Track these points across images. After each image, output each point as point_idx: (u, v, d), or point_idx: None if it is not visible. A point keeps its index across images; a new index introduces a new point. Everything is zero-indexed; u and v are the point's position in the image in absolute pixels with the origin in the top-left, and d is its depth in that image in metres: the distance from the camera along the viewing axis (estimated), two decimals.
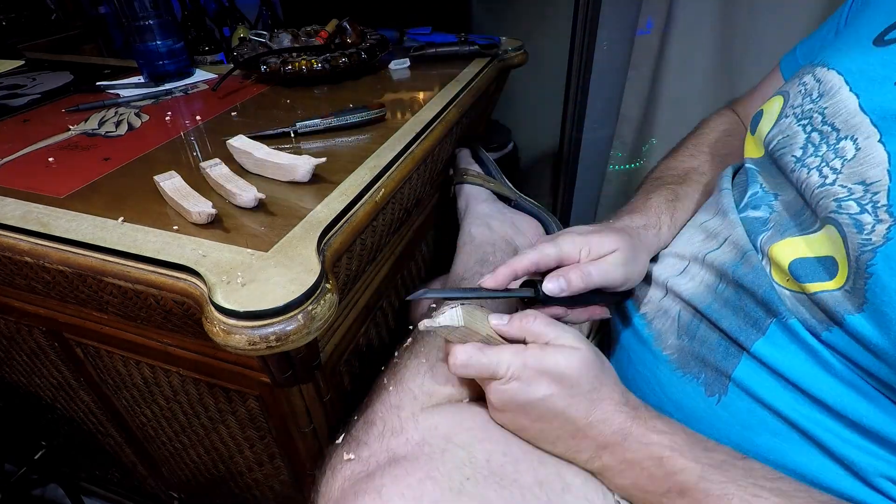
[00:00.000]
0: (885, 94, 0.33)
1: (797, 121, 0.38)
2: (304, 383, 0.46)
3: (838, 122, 0.35)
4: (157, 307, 0.41)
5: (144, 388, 0.57)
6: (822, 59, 0.39)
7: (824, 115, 0.36)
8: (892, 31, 0.35)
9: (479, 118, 0.85)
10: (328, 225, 0.41)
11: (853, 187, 0.32)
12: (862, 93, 0.34)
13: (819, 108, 0.37)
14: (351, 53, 0.71)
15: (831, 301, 0.32)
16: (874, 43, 0.35)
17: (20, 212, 0.44)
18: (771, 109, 0.42)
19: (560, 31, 1.11)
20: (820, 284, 0.33)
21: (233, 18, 0.98)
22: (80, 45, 1.04)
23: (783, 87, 0.42)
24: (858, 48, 0.36)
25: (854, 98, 0.34)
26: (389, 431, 0.38)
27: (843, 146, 0.34)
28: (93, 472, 0.88)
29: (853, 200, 0.32)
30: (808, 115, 0.37)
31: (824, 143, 0.35)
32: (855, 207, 0.31)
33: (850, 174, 0.33)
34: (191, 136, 0.58)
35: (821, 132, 0.36)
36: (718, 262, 0.40)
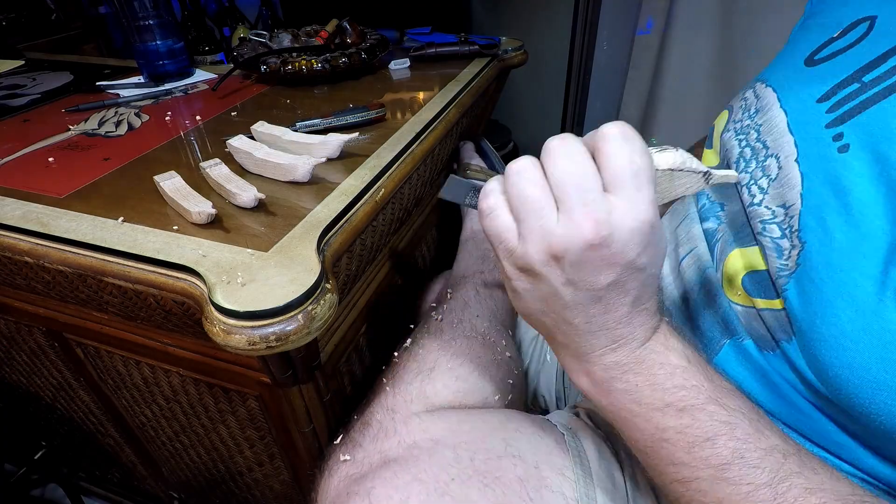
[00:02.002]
0: (806, 112, 0.33)
1: (735, 135, 0.38)
2: (304, 383, 0.46)
3: (769, 139, 0.34)
4: (157, 307, 0.41)
5: (144, 388, 0.57)
6: (762, 75, 0.40)
7: (759, 131, 0.36)
8: (821, 51, 0.35)
9: (479, 118, 0.85)
10: (328, 225, 0.41)
11: (776, 210, 0.32)
12: (790, 110, 0.34)
13: (755, 123, 0.37)
14: (351, 53, 0.71)
15: (775, 320, 0.31)
16: (805, 63, 0.36)
17: (20, 212, 0.44)
18: (719, 123, 0.42)
19: (560, 31, 1.11)
20: (767, 302, 0.32)
21: (233, 18, 0.98)
22: (80, 45, 1.03)
23: (730, 102, 0.42)
24: (792, 66, 0.37)
25: (783, 115, 0.34)
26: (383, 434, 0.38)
27: (768, 164, 0.34)
28: (93, 472, 0.88)
29: (775, 224, 0.31)
30: (746, 130, 0.37)
31: (754, 160, 0.35)
32: (777, 231, 0.31)
33: (774, 195, 0.32)
34: (191, 136, 0.58)
35: (753, 148, 0.36)
36: (686, 277, 0.40)
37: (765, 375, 0.33)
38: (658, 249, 0.28)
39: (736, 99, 0.41)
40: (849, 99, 0.30)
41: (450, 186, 0.33)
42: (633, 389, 0.29)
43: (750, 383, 0.34)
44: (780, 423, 0.33)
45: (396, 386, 0.44)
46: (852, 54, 0.32)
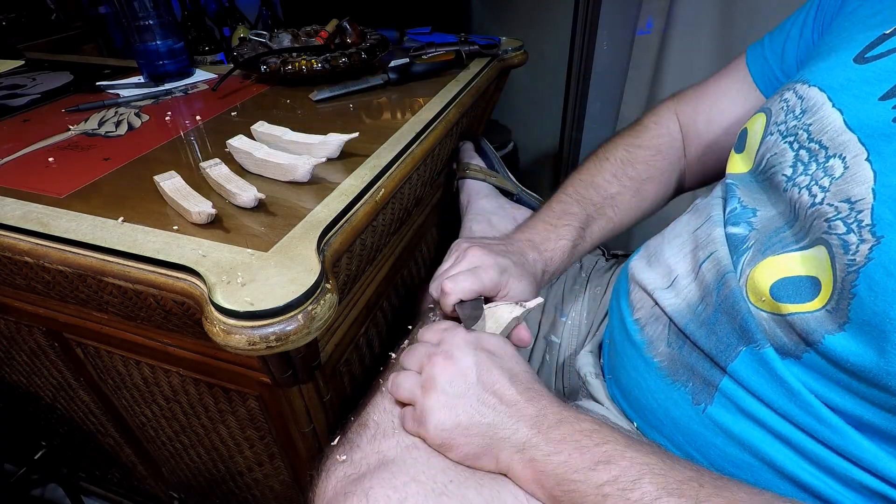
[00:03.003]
0: (869, 111, 0.32)
1: (783, 138, 0.38)
2: (304, 383, 0.46)
3: (825, 139, 0.34)
4: (157, 307, 0.41)
5: (144, 388, 0.57)
6: (800, 76, 0.39)
7: (809, 131, 0.36)
8: (872, 49, 0.35)
9: (479, 118, 0.85)
10: (328, 225, 0.41)
11: (839, 205, 0.32)
12: (846, 108, 0.34)
13: (803, 124, 0.36)
14: (351, 53, 0.71)
15: (810, 322, 0.31)
16: (855, 61, 0.35)
17: (20, 212, 0.44)
18: (754, 127, 0.41)
19: (560, 31, 1.11)
20: (799, 306, 0.32)
21: (233, 18, 0.98)
22: (80, 45, 1.03)
23: (764, 105, 0.42)
24: (839, 65, 0.36)
25: (838, 114, 0.34)
26: (381, 434, 0.39)
27: (832, 164, 0.33)
28: (93, 472, 0.88)
29: (840, 220, 0.31)
30: (794, 131, 0.37)
31: (814, 162, 0.35)
32: (842, 227, 0.31)
33: (836, 192, 0.32)
34: (191, 136, 0.58)
35: (809, 150, 0.35)
36: (705, 280, 0.40)
37: (783, 384, 0.33)
38: (491, 345, 0.38)
39: (772, 101, 0.40)
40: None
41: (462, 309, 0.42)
42: (568, 459, 0.32)
43: (766, 391, 0.34)
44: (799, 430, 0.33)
45: None
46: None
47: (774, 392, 0.34)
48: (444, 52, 0.74)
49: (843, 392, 0.31)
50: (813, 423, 0.32)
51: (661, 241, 0.47)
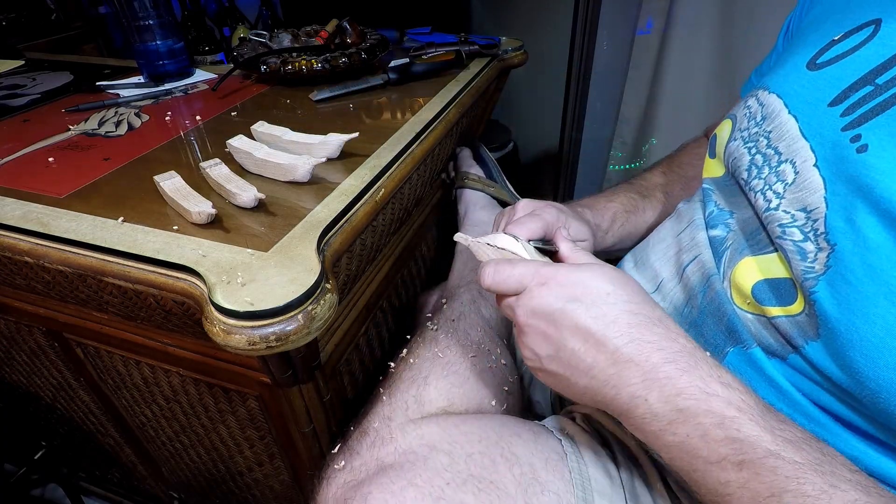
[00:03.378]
0: (820, 118, 0.33)
1: (744, 143, 0.39)
2: (304, 383, 0.46)
3: (782, 146, 0.35)
4: (157, 307, 0.41)
5: (144, 388, 0.57)
6: (763, 82, 0.40)
7: (769, 138, 0.36)
8: (823, 55, 0.35)
9: (479, 118, 0.85)
10: (328, 225, 0.41)
11: (796, 213, 0.32)
12: (800, 115, 0.34)
13: (763, 130, 0.37)
14: (351, 53, 0.71)
15: (793, 326, 0.31)
16: (807, 67, 0.36)
17: (20, 212, 0.44)
18: (722, 133, 0.42)
19: (560, 31, 1.11)
20: (782, 309, 0.32)
21: (233, 18, 0.98)
22: (80, 45, 1.03)
23: (731, 111, 0.42)
24: (795, 72, 0.37)
25: (794, 120, 0.35)
26: (380, 441, 0.39)
27: (783, 169, 0.34)
28: (93, 472, 0.88)
29: (796, 227, 0.32)
30: (755, 138, 0.38)
31: (766, 166, 0.35)
32: (798, 234, 0.31)
33: (792, 199, 0.32)
34: (191, 136, 0.58)
35: (764, 155, 0.36)
36: (690, 283, 0.40)
37: (772, 382, 0.33)
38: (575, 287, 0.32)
39: (738, 108, 0.41)
40: (864, 101, 0.30)
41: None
42: (685, 442, 0.28)
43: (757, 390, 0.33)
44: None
45: (392, 394, 0.45)
46: (860, 56, 0.32)
47: (764, 391, 0.34)
48: (444, 52, 0.74)
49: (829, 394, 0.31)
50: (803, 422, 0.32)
51: (647, 246, 0.47)
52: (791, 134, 0.34)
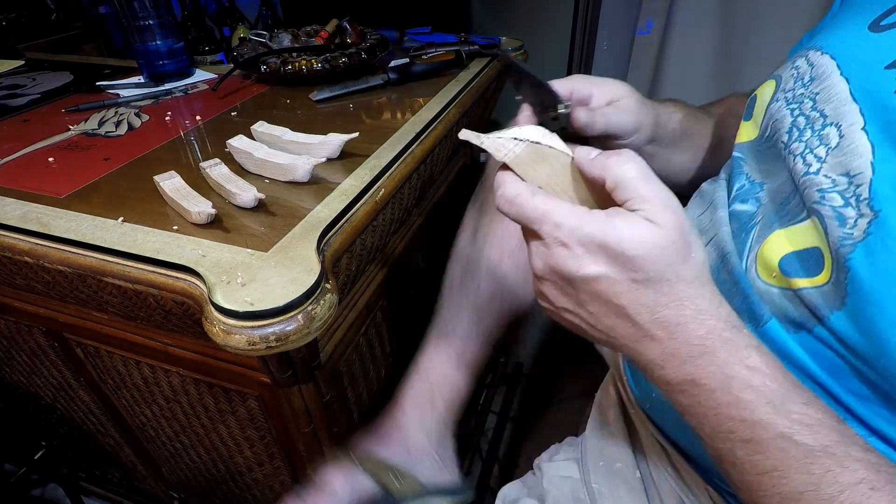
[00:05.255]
0: (873, 80, 0.31)
1: (787, 104, 0.37)
2: (304, 383, 0.46)
3: (828, 108, 0.33)
4: (157, 307, 0.41)
5: (144, 388, 0.57)
6: (816, 42, 0.38)
7: (815, 100, 0.34)
8: (888, 17, 0.33)
9: (479, 118, 0.85)
10: (328, 225, 0.41)
11: (837, 178, 0.30)
12: (852, 77, 0.33)
13: (810, 92, 0.35)
14: (351, 53, 0.71)
15: (818, 296, 0.30)
16: (869, 28, 0.34)
17: (20, 212, 0.44)
18: (763, 94, 0.40)
19: (560, 31, 1.11)
20: (809, 280, 0.31)
21: (233, 18, 0.98)
22: (80, 45, 1.03)
23: (776, 71, 0.40)
24: (853, 32, 0.35)
25: (844, 82, 0.33)
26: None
27: (827, 132, 0.32)
28: (93, 472, 0.88)
29: (837, 192, 0.30)
30: (800, 99, 0.36)
31: (809, 129, 0.34)
32: (839, 200, 0.30)
33: (834, 164, 0.31)
34: (191, 136, 0.58)
35: (808, 117, 0.34)
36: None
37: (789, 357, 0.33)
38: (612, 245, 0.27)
39: (784, 68, 0.39)
40: None
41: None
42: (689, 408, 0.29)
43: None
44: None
45: None
46: None
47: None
48: (444, 52, 0.74)
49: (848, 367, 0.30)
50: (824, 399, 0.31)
51: None
52: (840, 96, 0.32)
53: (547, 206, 0.29)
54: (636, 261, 0.27)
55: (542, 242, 0.29)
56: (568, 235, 0.28)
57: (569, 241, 0.28)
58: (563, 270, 0.29)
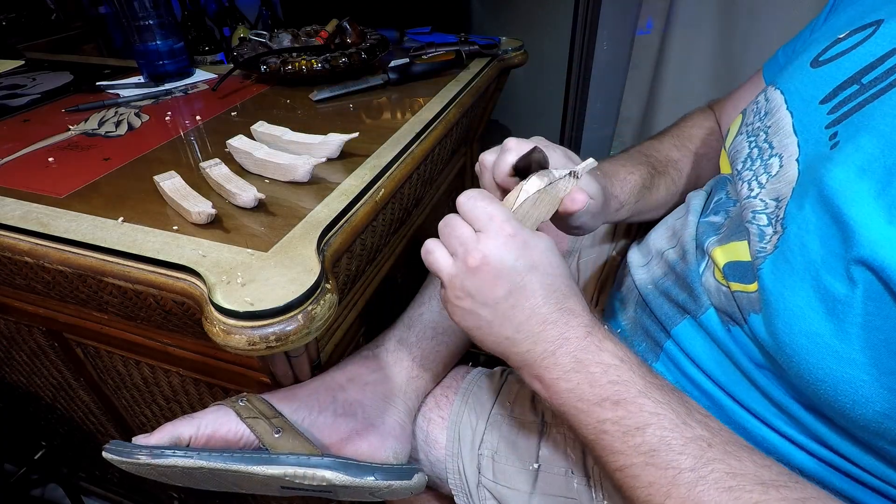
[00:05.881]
0: (810, 114, 0.34)
1: (746, 137, 0.41)
2: None
3: (776, 140, 0.37)
4: (157, 307, 0.41)
5: (144, 388, 0.57)
6: (776, 79, 0.41)
7: (767, 132, 0.38)
8: (826, 52, 0.36)
9: (479, 118, 0.85)
10: (328, 225, 0.41)
11: (769, 202, 0.35)
12: (795, 111, 0.36)
13: (764, 125, 0.39)
14: (351, 53, 0.71)
15: (745, 300, 0.35)
16: (811, 64, 0.37)
17: (20, 212, 0.44)
18: (733, 129, 0.44)
19: (560, 31, 1.11)
20: (742, 286, 0.35)
21: (233, 18, 0.97)
22: (80, 45, 1.03)
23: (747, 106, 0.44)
24: (799, 68, 0.38)
25: (789, 116, 0.36)
26: None
27: (771, 162, 0.36)
28: (93, 472, 0.88)
29: (765, 214, 0.35)
30: (756, 132, 0.40)
31: (759, 159, 0.38)
32: (765, 220, 0.34)
33: (770, 190, 0.35)
34: (191, 136, 0.58)
35: (760, 148, 0.38)
36: (668, 260, 0.44)
37: (721, 346, 0.37)
38: (536, 252, 0.33)
39: (750, 103, 0.43)
40: (848, 100, 0.32)
41: None
42: (576, 388, 0.32)
43: (706, 353, 0.38)
44: (730, 398, 0.37)
45: None
46: (855, 55, 0.33)
47: (712, 353, 0.38)
48: (444, 52, 0.74)
49: (762, 364, 0.35)
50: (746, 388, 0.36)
51: (654, 229, 0.51)
52: (785, 129, 0.36)
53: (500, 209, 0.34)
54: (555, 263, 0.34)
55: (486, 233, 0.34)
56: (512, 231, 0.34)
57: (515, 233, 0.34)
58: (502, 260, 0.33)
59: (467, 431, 0.48)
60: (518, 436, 0.47)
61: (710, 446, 0.29)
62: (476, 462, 0.47)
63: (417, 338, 0.51)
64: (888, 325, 0.26)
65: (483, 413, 0.49)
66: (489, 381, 0.52)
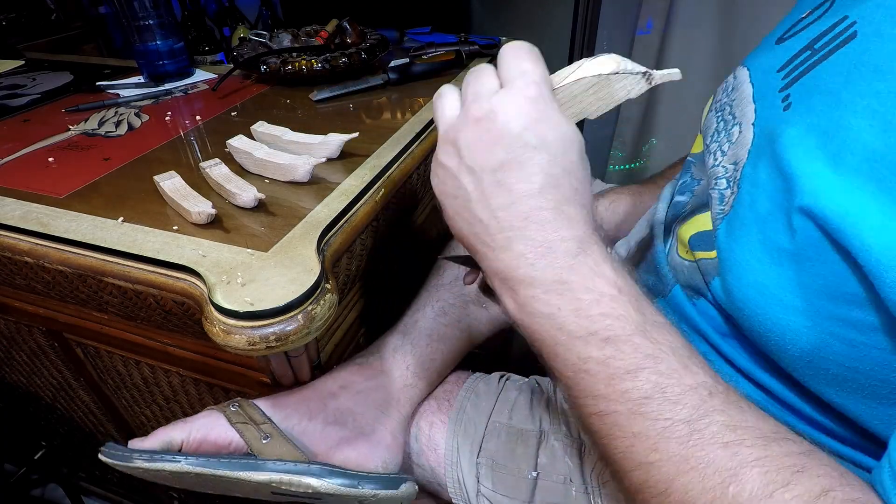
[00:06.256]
0: (768, 81, 0.35)
1: (715, 113, 0.41)
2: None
3: (738, 111, 0.37)
4: (157, 307, 0.41)
5: (144, 388, 0.57)
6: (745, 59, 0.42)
7: (731, 105, 0.38)
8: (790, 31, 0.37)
9: None
10: (328, 225, 0.41)
11: (728, 167, 0.34)
12: (756, 82, 0.36)
13: (730, 100, 0.39)
14: (351, 53, 0.71)
15: (708, 265, 0.34)
16: (776, 42, 0.38)
17: (20, 212, 0.44)
18: (706, 107, 0.45)
19: (560, 31, 1.11)
20: (705, 253, 0.35)
21: (233, 18, 0.97)
22: (80, 45, 1.03)
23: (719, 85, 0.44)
24: (765, 47, 0.39)
25: (751, 87, 0.37)
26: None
27: (733, 131, 0.36)
28: (93, 472, 0.88)
29: (724, 178, 0.34)
30: (723, 107, 0.40)
31: (724, 131, 0.38)
32: (724, 184, 0.34)
33: (730, 155, 0.35)
34: (191, 136, 0.58)
35: (725, 121, 0.38)
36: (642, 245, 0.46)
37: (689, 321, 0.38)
38: (553, 133, 0.29)
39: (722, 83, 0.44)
40: (800, 65, 0.32)
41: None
42: (556, 314, 0.28)
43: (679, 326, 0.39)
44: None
45: None
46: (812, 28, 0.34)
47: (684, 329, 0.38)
48: (444, 52, 0.74)
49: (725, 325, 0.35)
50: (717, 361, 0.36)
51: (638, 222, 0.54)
52: (746, 99, 0.36)
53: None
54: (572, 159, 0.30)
55: (499, 92, 0.30)
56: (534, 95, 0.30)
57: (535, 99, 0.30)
58: (507, 125, 0.29)
59: (466, 440, 0.48)
60: (516, 444, 0.47)
61: (712, 395, 0.26)
62: (475, 471, 0.47)
63: (412, 345, 0.50)
64: (826, 270, 0.25)
65: (481, 421, 0.49)
66: (486, 388, 0.52)
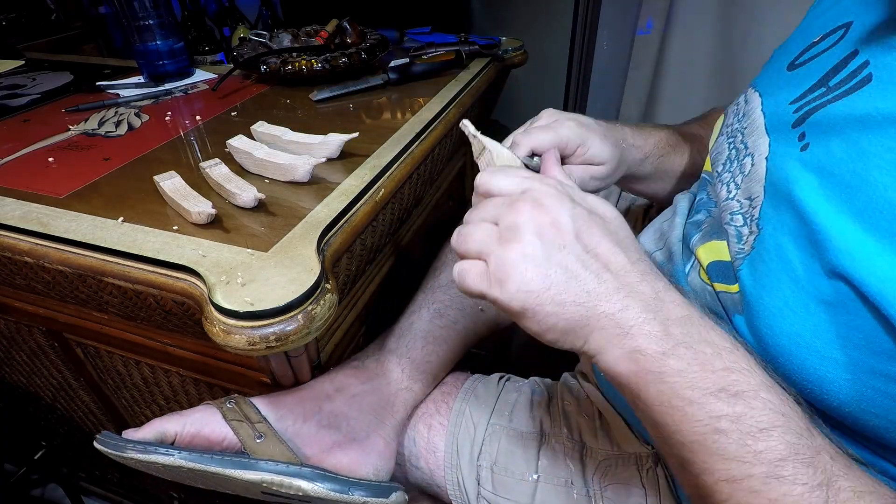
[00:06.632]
0: (780, 114, 0.35)
1: (727, 138, 0.41)
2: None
3: (750, 140, 0.37)
4: (157, 307, 0.41)
5: (144, 388, 0.57)
6: (755, 80, 0.42)
7: (743, 133, 0.39)
8: (802, 56, 0.37)
9: (479, 118, 0.85)
10: (328, 225, 0.41)
11: (743, 202, 0.35)
12: (768, 112, 0.37)
13: (742, 126, 0.39)
14: (351, 53, 0.71)
15: (728, 300, 0.34)
16: (787, 68, 0.38)
17: (20, 212, 0.44)
18: (717, 127, 0.45)
19: (560, 31, 1.11)
20: (725, 286, 0.35)
21: (233, 18, 0.98)
22: (80, 45, 1.03)
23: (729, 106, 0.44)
24: (776, 71, 0.39)
25: (763, 117, 0.37)
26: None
27: (745, 162, 0.37)
28: (93, 472, 0.88)
29: (740, 214, 0.35)
30: (734, 133, 0.40)
31: (736, 160, 0.38)
32: (740, 221, 0.35)
33: (744, 189, 0.35)
34: (191, 136, 0.58)
35: (737, 149, 0.39)
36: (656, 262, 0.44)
37: None
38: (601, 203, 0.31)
39: (732, 104, 0.44)
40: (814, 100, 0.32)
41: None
42: (687, 369, 0.25)
43: None
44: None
45: None
46: (825, 58, 0.34)
47: None
48: (444, 52, 0.74)
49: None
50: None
51: (643, 232, 0.52)
52: (759, 130, 0.36)
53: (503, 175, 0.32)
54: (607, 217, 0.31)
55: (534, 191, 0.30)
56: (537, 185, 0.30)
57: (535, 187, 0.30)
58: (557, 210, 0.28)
59: (465, 443, 0.47)
60: (517, 446, 0.46)
61: (834, 459, 0.24)
62: (475, 474, 0.46)
63: (407, 347, 0.50)
64: (867, 325, 0.26)
65: (481, 423, 0.48)
66: (486, 390, 0.52)
